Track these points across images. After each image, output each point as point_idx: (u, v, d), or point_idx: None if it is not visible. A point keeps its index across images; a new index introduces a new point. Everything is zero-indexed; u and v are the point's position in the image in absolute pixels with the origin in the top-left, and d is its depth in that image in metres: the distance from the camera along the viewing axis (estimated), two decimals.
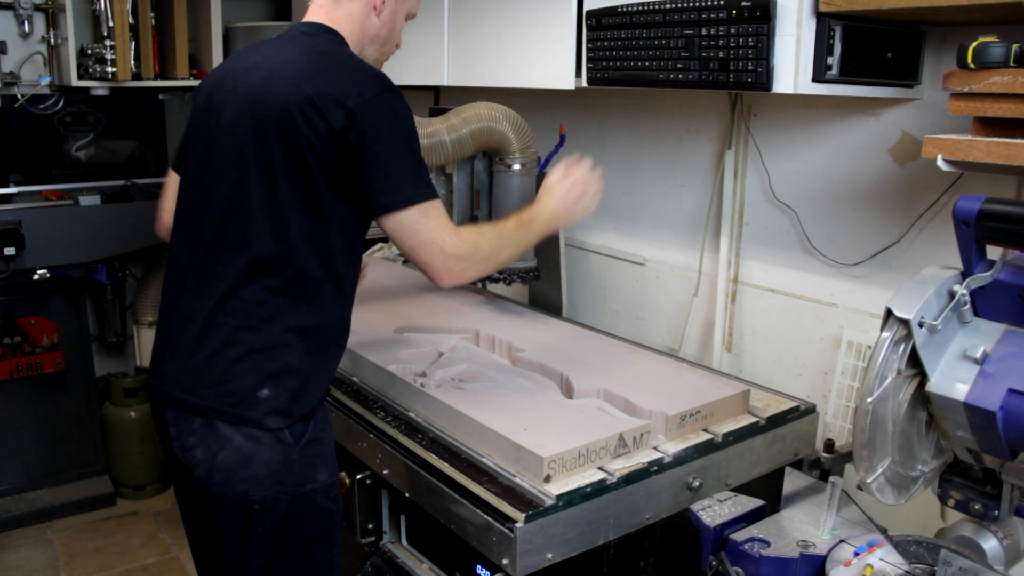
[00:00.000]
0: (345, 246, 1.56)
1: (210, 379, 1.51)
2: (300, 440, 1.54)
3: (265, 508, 1.51)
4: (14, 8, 3.32)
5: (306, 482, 1.54)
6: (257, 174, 1.50)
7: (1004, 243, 1.13)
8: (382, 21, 1.67)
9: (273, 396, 1.51)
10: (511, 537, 1.38)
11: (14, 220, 3.17)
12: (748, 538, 1.34)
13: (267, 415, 1.50)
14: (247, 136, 1.51)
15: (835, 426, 2.01)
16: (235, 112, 1.54)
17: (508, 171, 2.19)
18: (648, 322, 2.55)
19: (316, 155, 1.46)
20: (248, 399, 1.50)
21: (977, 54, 1.38)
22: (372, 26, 1.66)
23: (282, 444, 1.52)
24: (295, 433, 1.53)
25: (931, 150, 1.46)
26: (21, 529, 3.46)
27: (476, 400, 1.72)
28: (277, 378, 1.51)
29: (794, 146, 2.10)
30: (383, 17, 1.67)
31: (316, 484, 1.55)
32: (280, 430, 1.51)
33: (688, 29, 1.76)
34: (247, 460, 1.50)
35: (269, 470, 1.50)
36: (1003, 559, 1.29)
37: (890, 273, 1.93)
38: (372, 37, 1.68)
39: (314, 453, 1.56)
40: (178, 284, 1.60)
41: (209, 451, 1.52)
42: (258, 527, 1.52)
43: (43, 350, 3.49)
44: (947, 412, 1.16)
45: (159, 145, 4.02)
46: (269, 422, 1.50)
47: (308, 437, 1.55)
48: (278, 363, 1.51)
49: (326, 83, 1.47)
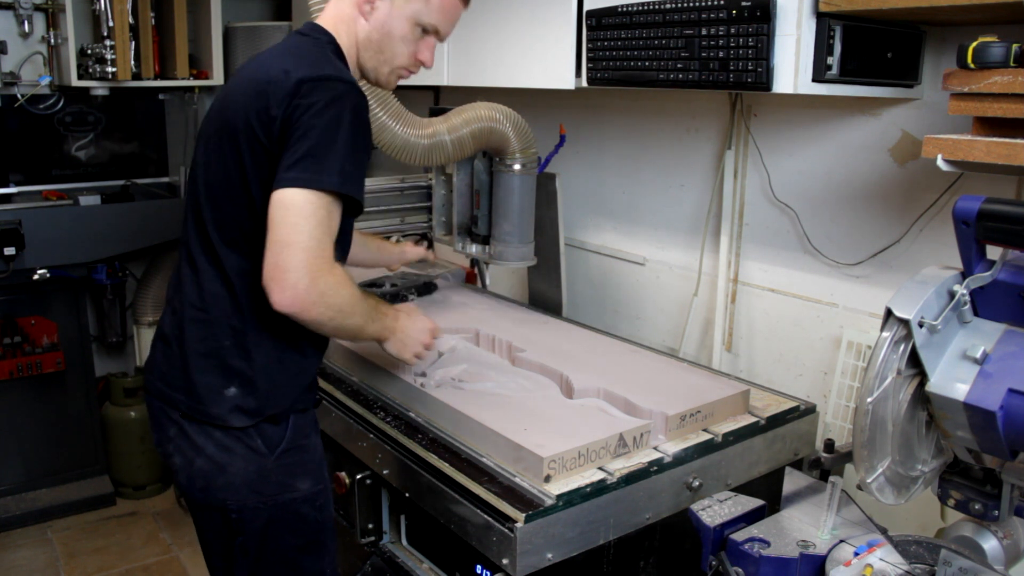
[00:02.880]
0: None
1: (181, 372, 1.52)
2: (275, 449, 1.52)
3: (244, 517, 1.51)
4: (14, 8, 3.32)
5: (285, 491, 1.52)
6: (227, 167, 1.47)
7: (1004, 243, 1.13)
8: (372, 24, 1.56)
9: (239, 394, 1.49)
10: (511, 537, 1.38)
11: (14, 220, 3.17)
12: (748, 538, 1.34)
13: (231, 412, 1.49)
14: (220, 129, 1.49)
15: (835, 426, 2.01)
16: (215, 111, 1.55)
17: (508, 171, 2.19)
18: (648, 322, 2.55)
19: (270, 141, 1.41)
20: (213, 396, 1.49)
21: (977, 54, 1.38)
22: (361, 29, 1.57)
23: (256, 454, 1.50)
24: (268, 441, 1.51)
25: (931, 150, 1.46)
26: (21, 529, 3.46)
27: (476, 400, 1.72)
28: (244, 376, 1.49)
29: (794, 146, 2.10)
30: (372, 20, 1.56)
31: (297, 493, 1.53)
32: (246, 430, 1.50)
33: (688, 29, 1.76)
34: (221, 470, 1.49)
35: (244, 479, 1.49)
36: (1003, 559, 1.29)
37: (890, 273, 1.93)
38: (364, 42, 1.58)
39: (293, 462, 1.54)
40: (175, 276, 1.61)
41: (185, 458, 1.52)
42: (239, 536, 1.53)
43: (43, 350, 3.49)
44: (947, 412, 1.16)
45: (159, 145, 4.03)
46: (234, 420, 1.49)
47: (285, 446, 1.53)
48: (246, 360, 1.49)
49: (280, 65, 1.43)
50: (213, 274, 1.50)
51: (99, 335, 3.93)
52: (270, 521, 1.52)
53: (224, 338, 1.49)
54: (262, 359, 1.50)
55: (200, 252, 1.52)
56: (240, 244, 1.48)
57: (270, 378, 1.51)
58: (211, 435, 1.50)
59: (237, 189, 1.47)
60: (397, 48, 1.58)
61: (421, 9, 1.56)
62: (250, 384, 1.50)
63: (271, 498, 1.51)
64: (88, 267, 3.58)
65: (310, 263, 1.35)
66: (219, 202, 1.50)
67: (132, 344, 3.95)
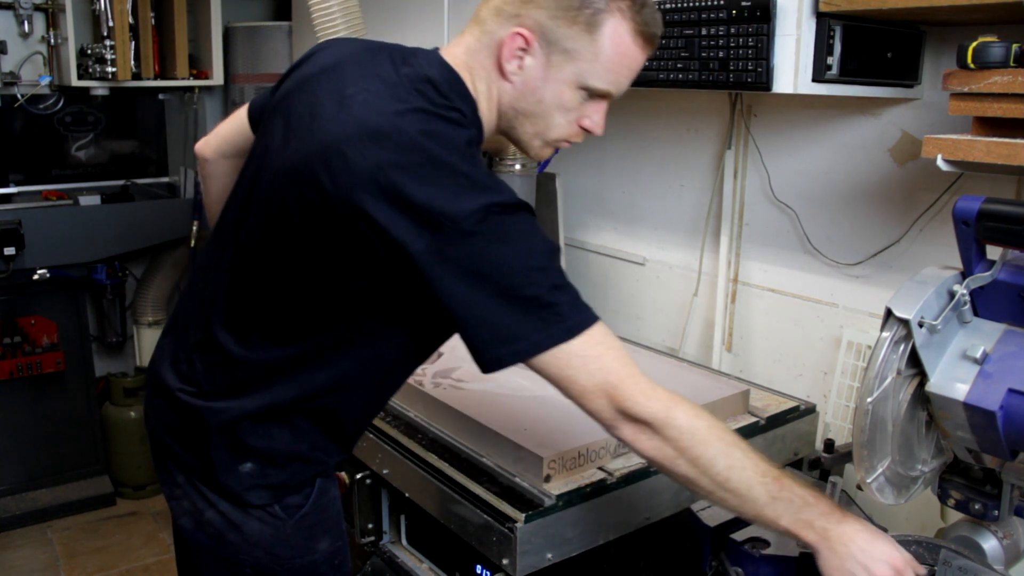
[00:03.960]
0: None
1: (194, 439, 1.30)
2: (296, 512, 1.32)
3: (259, 574, 1.33)
4: (14, 8, 3.31)
5: (305, 554, 1.34)
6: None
7: (1004, 243, 1.13)
8: (519, 89, 1.18)
9: (257, 471, 1.29)
10: (511, 537, 1.38)
11: (14, 220, 3.17)
12: (748, 538, 1.34)
13: (249, 491, 1.29)
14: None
15: (835, 426, 2.01)
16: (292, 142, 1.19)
17: (509, 171, 2.19)
18: (648, 322, 2.55)
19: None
20: (228, 469, 1.28)
21: (977, 54, 1.38)
22: (505, 93, 1.19)
23: (273, 518, 1.31)
24: (287, 507, 1.32)
25: (931, 150, 1.46)
26: (21, 529, 3.46)
27: (476, 400, 1.72)
28: (262, 453, 1.28)
29: (794, 146, 2.10)
30: (519, 83, 1.18)
31: (317, 555, 1.35)
32: (269, 505, 1.31)
33: (688, 29, 1.76)
34: (235, 528, 1.30)
35: (259, 540, 1.30)
36: (1003, 559, 1.29)
37: (890, 273, 1.93)
38: (509, 110, 1.21)
39: (313, 523, 1.34)
40: (198, 288, 1.36)
41: (194, 506, 1.32)
42: None
43: (43, 350, 3.49)
44: (947, 412, 1.16)
45: (159, 145, 4.02)
46: (252, 498, 1.29)
47: (307, 509, 1.33)
48: (266, 440, 1.27)
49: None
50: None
51: (99, 335, 3.93)
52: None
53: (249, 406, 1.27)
54: (286, 441, 1.29)
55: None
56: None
57: (295, 458, 1.30)
58: (221, 498, 1.31)
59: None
60: (554, 120, 1.21)
61: (587, 70, 1.16)
62: (270, 460, 1.29)
63: (289, 561, 1.32)
64: (88, 267, 3.58)
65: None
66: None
67: (132, 344, 3.94)
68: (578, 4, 1.12)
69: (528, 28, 1.13)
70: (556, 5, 1.12)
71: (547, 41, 1.14)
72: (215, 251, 1.34)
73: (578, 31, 1.13)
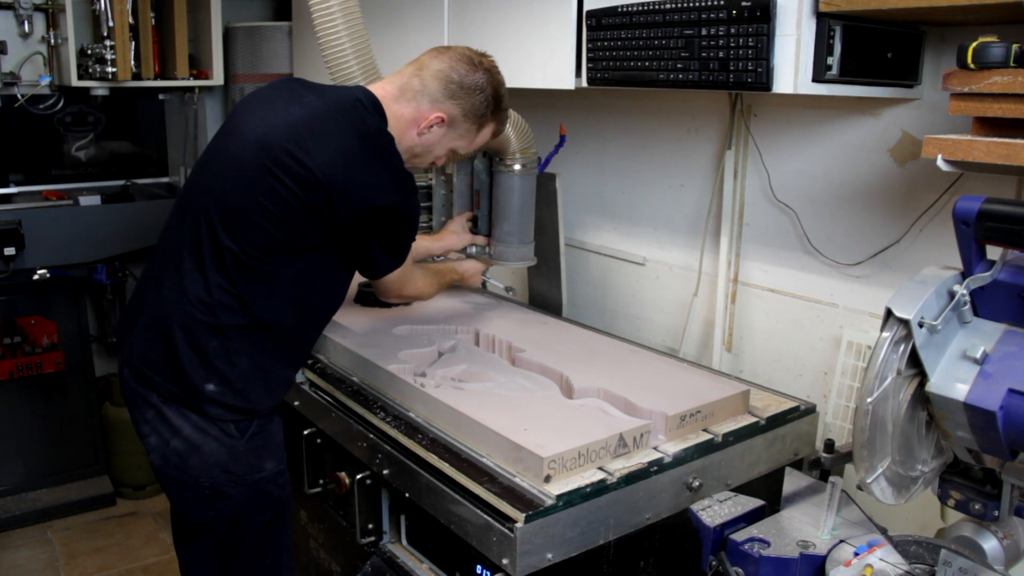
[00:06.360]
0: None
1: (165, 358, 1.66)
2: (245, 433, 1.69)
3: (216, 494, 1.67)
4: (14, 8, 3.32)
5: (254, 471, 1.69)
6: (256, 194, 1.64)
7: (1004, 243, 1.13)
8: (420, 140, 1.76)
9: (218, 392, 1.65)
10: (511, 537, 1.38)
11: (14, 220, 3.17)
12: (748, 538, 1.34)
13: (208, 404, 1.65)
14: (251, 165, 1.64)
15: (835, 426, 2.01)
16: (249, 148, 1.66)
17: (508, 171, 2.19)
18: (648, 322, 2.55)
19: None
20: (194, 387, 1.64)
21: (977, 54, 1.38)
22: (410, 138, 1.75)
23: (228, 437, 1.67)
24: (240, 427, 1.68)
25: (931, 150, 1.46)
26: (21, 529, 3.46)
27: (476, 400, 1.72)
28: (224, 377, 1.65)
29: (794, 146, 2.10)
30: (423, 138, 1.76)
31: (264, 473, 1.71)
32: (224, 422, 1.66)
33: (688, 29, 1.76)
34: (196, 450, 1.65)
35: (216, 460, 1.66)
36: (1003, 559, 1.29)
37: (890, 273, 1.93)
38: (406, 149, 1.76)
39: (260, 444, 1.71)
40: (166, 264, 1.72)
41: (161, 439, 1.67)
42: (210, 511, 1.68)
43: (43, 350, 3.49)
44: (947, 412, 1.16)
45: (159, 145, 4.03)
46: (211, 411, 1.65)
47: (254, 430, 1.70)
48: (229, 364, 1.65)
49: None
50: (224, 284, 1.64)
51: (99, 335, 3.93)
52: (239, 500, 1.68)
53: (212, 339, 1.64)
54: (243, 365, 1.66)
55: (212, 263, 1.65)
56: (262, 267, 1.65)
57: (248, 384, 1.67)
58: (188, 417, 1.66)
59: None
60: (426, 160, 1.83)
61: (462, 145, 1.81)
62: (228, 385, 1.66)
63: (242, 477, 1.68)
64: (88, 267, 3.58)
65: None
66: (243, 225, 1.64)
67: None
68: (480, 113, 1.76)
69: (446, 113, 1.74)
70: (468, 109, 1.74)
71: (452, 125, 1.76)
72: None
73: (470, 126, 1.78)
